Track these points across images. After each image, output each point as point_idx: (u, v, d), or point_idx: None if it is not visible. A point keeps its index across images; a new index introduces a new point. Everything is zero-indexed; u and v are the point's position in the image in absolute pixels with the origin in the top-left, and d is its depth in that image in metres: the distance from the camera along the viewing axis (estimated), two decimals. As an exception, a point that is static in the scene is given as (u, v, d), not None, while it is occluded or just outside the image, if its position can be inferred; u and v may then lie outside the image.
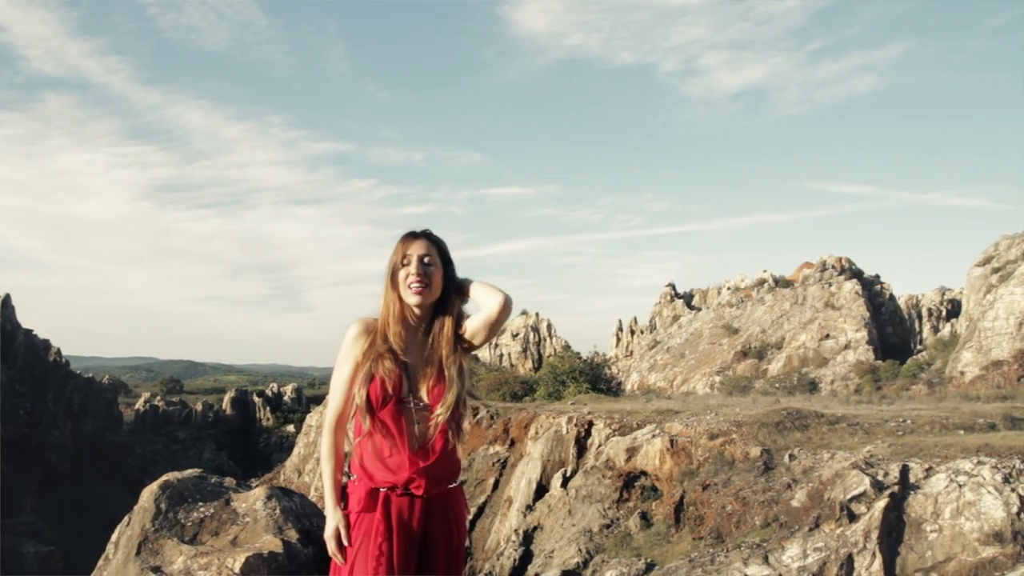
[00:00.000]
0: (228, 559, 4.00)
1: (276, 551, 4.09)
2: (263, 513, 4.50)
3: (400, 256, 3.15)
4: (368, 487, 3.11)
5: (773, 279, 57.50)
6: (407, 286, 3.11)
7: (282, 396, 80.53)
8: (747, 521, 14.97)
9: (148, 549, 4.35)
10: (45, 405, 62.76)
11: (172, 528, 4.48)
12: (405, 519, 3.08)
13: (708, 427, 18.00)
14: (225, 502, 4.70)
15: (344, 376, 3.16)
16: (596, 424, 21.01)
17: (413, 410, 3.08)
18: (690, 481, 16.81)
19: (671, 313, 65.49)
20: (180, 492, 4.71)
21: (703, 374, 49.17)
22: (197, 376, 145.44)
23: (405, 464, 3.06)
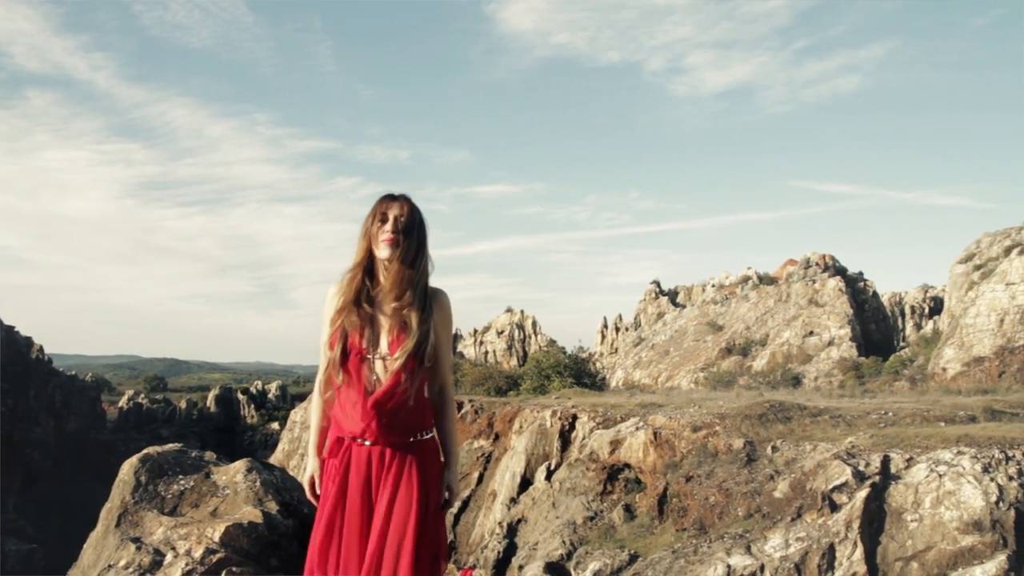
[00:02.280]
0: (208, 529, 4.01)
1: (256, 521, 4.10)
2: (243, 485, 4.51)
3: (378, 215, 3.30)
4: (336, 435, 3.27)
5: (757, 276, 57.73)
6: (380, 241, 3.25)
7: (266, 394, 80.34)
8: (730, 512, 15.04)
9: (128, 521, 4.35)
10: (27, 402, 62.37)
11: (152, 500, 4.48)
12: (360, 467, 3.21)
13: (691, 419, 18.06)
14: (205, 475, 4.70)
15: (325, 335, 3.31)
16: (580, 418, 21.06)
17: (373, 360, 3.20)
18: (673, 473, 16.87)
19: (656, 310, 65.65)
20: (160, 465, 4.71)
21: (688, 371, 49.31)
22: (181, 374, 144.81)
23: (360, 414, 3.16)
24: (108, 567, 4.04)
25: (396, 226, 3.26)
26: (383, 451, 3.19)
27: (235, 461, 4.89)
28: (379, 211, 3.29)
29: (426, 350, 3.22)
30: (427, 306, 3.27)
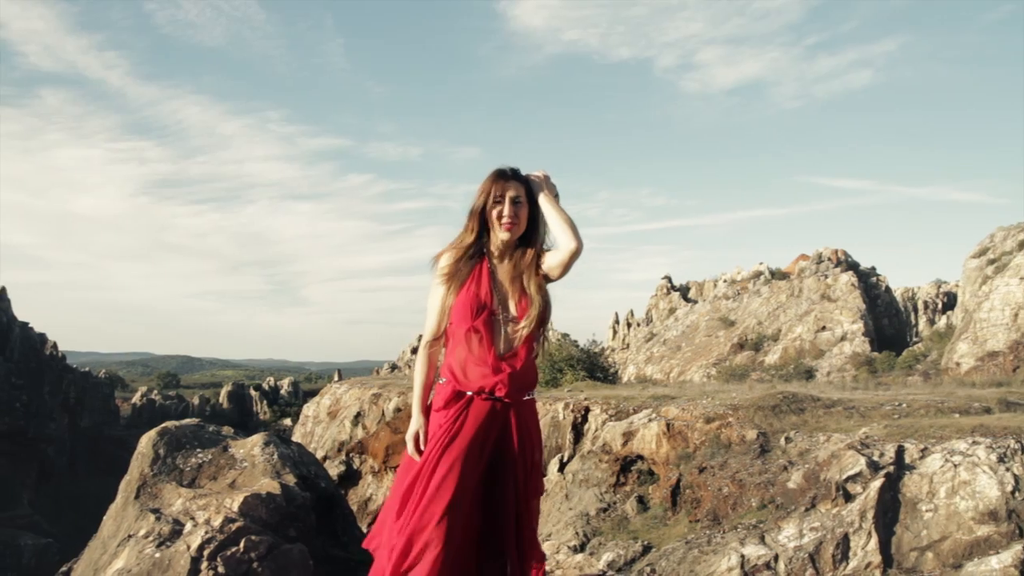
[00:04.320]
0: (226, 500, 4.02)
1: (274, 493, 4.12)
2: (261, 458, 4.53)
3: (493, 195, 3.45)
4: (454, 388, 3.39)
5: (769, 271, 57.56)
6: (498, 223, 3.44)
7: (279, 390, 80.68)
8: (743, 503, 15.00)
9: (147, 493, 4.37)
10: (42, 398, 62.68)
11: (170, 473, 4.51)
12: (484, 420, 3.35)
13: (704, 411, 18.02)
14: (223, 448, 4.72)
15: (439, 295, 3.48)
16: (593, 410, 21.02)
17: (501, 321, 3.39)
18: (686, 464, 16.84)
19: (667, 306, 65.54)
20: (178, 439, 4.73)
21: (699, 366, 49.21)
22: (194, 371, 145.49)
23: (490, 369, 3.32)
24: (128, 537, 4.06)
25: (512, 209, 3.43)
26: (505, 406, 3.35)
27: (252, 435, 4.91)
28: (495, 192, 3.44)
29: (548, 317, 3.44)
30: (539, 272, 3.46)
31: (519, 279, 3.43)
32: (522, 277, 3.43)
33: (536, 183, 3.52)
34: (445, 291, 3.45)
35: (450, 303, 3.43)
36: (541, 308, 3.38)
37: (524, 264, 3.46)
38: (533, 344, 3.42)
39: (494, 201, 3.44)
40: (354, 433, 27.24)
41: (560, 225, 3.41)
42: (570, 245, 3.36)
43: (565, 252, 3.38)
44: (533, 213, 3.49)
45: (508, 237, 3.44)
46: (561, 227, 3.40)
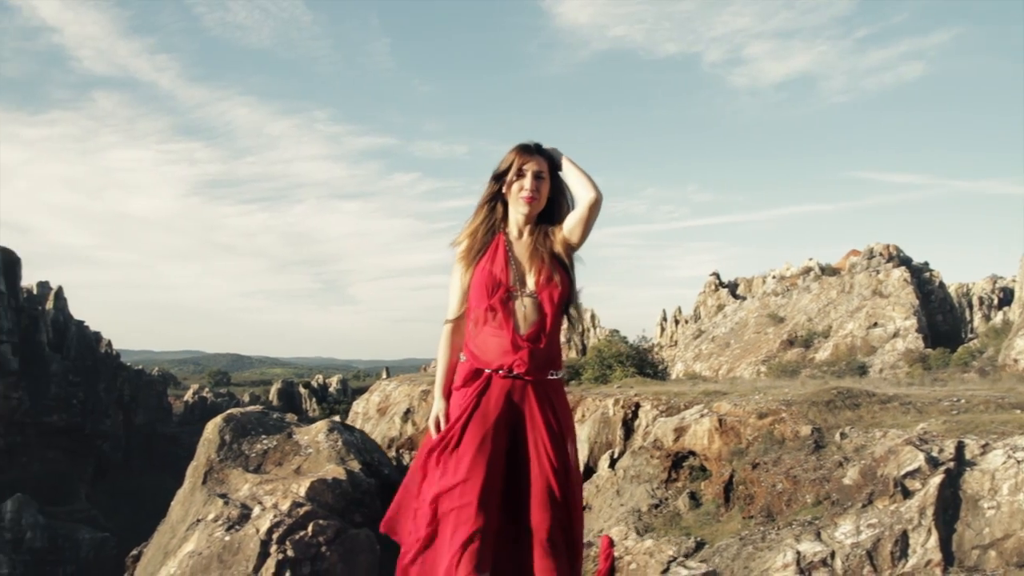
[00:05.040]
0: (293, 485, 4.05)
1: (340, 478, 4.13)
2: (325, 445, 4.55)
3: (515, 168, 3.37)
4: (473, 366, 3.32)
5: (819, 267, 56.81)
6: (519, 197, 3.37)
7: (327, 387, 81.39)
8: (798, 499, 14.82)
9: (214, 478, 4.42)
10: (97, 396, 63.91)
11: (236, 459, 4.55)
12: (504, 398, 3.26)
13: (757, 406, 17.84)
14: (288, 435, 4.75)
15: (457, 275, 3.44)
16: (643, 406, 20.90)
17: (519, 298, 3.30)
18: (739, 460, 16.67)
19: (716, 302, 65.00)
20: (243, 425, 4.77)
21: (749, 363, 48.75)
22: (243, 369, 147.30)
23: (509, 347, 3.24)
24: (196, 521, 4.09)
25: (534, 184, 3.35)
26: (525, 384, 3.26)
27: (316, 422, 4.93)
28: (517, 165, 3.36)
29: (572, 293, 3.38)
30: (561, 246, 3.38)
31: (538, 254, 3.34)
32: (541, 252, 3.34)
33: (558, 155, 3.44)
34: (463, 269, 3.41)
35: (468, 281, 3.39)
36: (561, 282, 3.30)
37: (543, 239, 3.38)
38: (557, 321, 3.33)
39: (516, 175, 3.37)
40: (404, 429, 27.31)
41: (579, 178, 3.35)
42: (588, 195, 3.29)
43: (583, 204, 3.30)
44: (554, 191, 3.42)
45: (528, 211, 3.37)
46: (579, 180, 3.35)
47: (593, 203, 3.29)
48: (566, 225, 3.36)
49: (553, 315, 3.29)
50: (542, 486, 3.22)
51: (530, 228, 3.40)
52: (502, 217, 3.46)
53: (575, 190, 3.36)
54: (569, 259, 3.39)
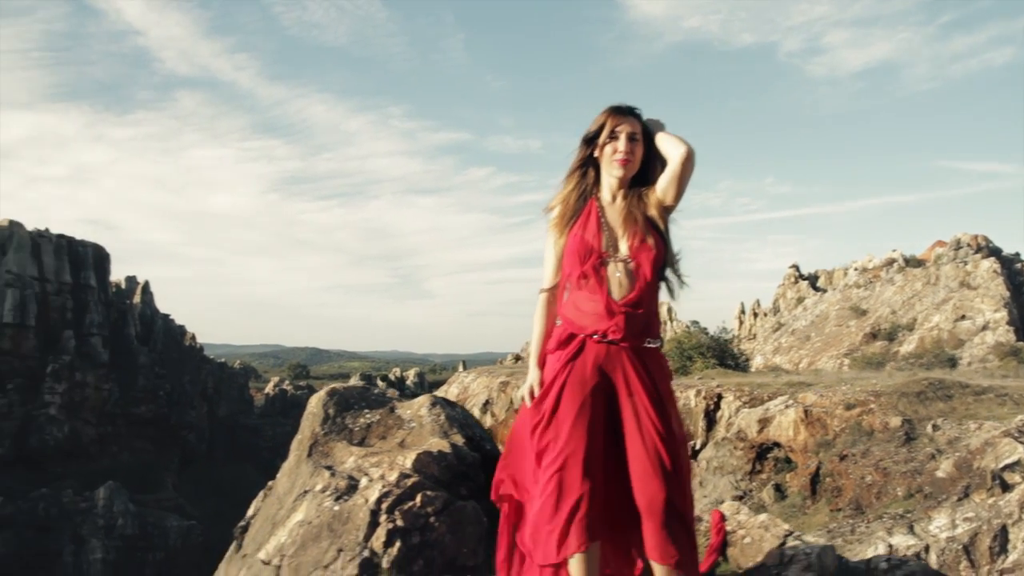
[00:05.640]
0: (399, 457, 4.06)
1: (445, 451, 4.14)
2: (428, 419, 4.57)
3: (607, 130, 3.25)
4: (568, 331, 3.22)
5: (903, 259, 55.40)
6: (612, 160, 3.25)
7: (405, 380, 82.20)
8: (888, 492, 14.46)
9: (319, 451, 4.47)
10: (182, 387, 65.60)
11: (340, 432, 4.59)
12: (598, 363, 3.15)
13: (844, 397, 17.44)
14: (390, 409, 4.79)
15: (550, 242, 3.36)
16: (725, 397, 20.61)
17: (613, 263, 3.19)
18: (826, 452, 16.34)
19: (795, 295, 63.87)
20: (346, 399, 4.82)
21: (830, 356, 47.82)
22: (322, 362, 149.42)
23: (604, 312, 3.13)
24: (304, 492, 4.14)
25: (628, 146, 3.23)
26: (620, 351, 3.14)
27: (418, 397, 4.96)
28: (609, 127, 3.25)
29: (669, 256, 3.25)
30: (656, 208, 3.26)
31: (631, 218, 3.22)
32: (635, 215, 3.22)
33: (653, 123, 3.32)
34: (556, 237, 3.32)
35: (561, 248, 3.30)
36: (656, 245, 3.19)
37: (636, 202, 3.26)
38: (653, 286, 3.19)
39: (609, 137, 3.24)
40: (482, 420, 27.48)
41: (668, 138, 3.24)
42: (679, 149, 3.16)
43: (676, 160, 3.17)
44: (647, 153, 3.29)
45: (622, 174, 3.25)
46: (668, 139, 3.23)
47: (685, 157, 3.16)
48: (659, 185, 3.25)
49: (648, 280, 3.16)
50: (650, 455, 3.09)
51: (623, 192, 3.29)
52: (594, 182, 3.35)
53: (665, 148, 3.24)
54: (664, 221, 3.26)
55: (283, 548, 3.81)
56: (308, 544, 3.75)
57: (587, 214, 3.27)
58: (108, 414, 56.80)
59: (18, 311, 53.60)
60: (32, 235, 56.38)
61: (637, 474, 3.10)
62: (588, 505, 3.03)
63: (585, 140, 3.32)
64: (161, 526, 47.48)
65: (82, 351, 56.21)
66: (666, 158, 3.24)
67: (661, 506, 3.06)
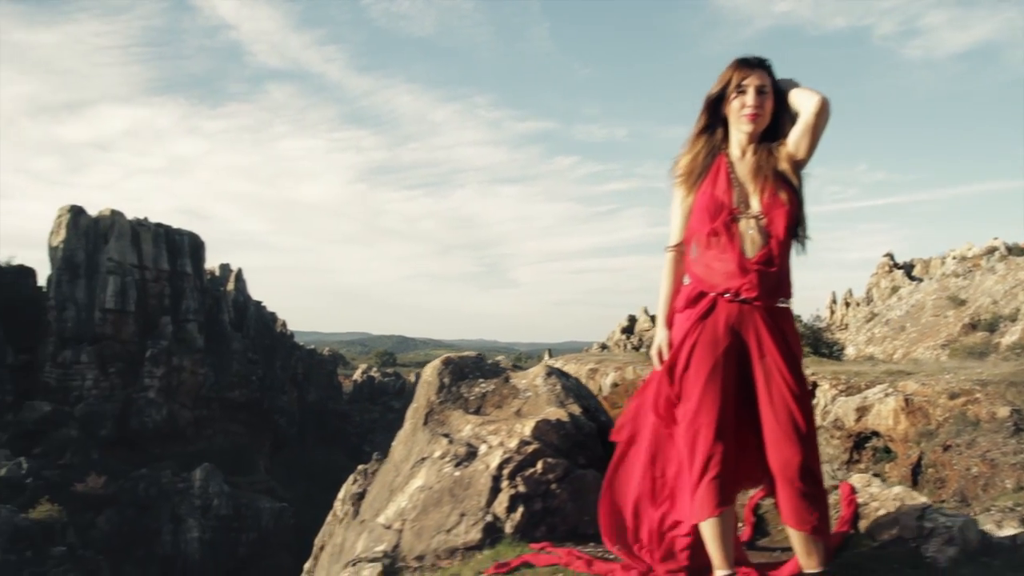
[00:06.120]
0: (517, 425, 4.05)
1: (563, 420, 4.10)
2: (544, 388, 4.55)
3: (734, 84, 3.11)
4: (697, 289, 3.14)
5: (1005, 247, 53.43)
6: (740, 115, 3.11)
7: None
8: (996, 484, 13.98)
9: (435, 420, 4.48)
10: (274, 373, 67.11)
11: (456, 401, 4.60)
12: (731, 323, 3.05)
13: (947, 386, 16.90)
14: (504, 379, 4.78)
15: (677, 199, 3.26)
16: (821, 385, 20.18)
17: (745, 220, 3.08)
18: (928, 442, 15.86)
19: (889, 284, 62.18)
20: (461, 368, 4.83)
21: (926, 347, 46.43)
22: (408, 350, 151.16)
23: (736, 270, 3.03)
24: (422, 459, 4.15)
25: (758, 100, 3.08)
26: (752, 310, 3.04)
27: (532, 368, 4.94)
28: (736, 80, 3.11)
29: (801, 213, 3.11)
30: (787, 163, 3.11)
31: (761, 173, 3.09)
32: (765, 171, 3.09)
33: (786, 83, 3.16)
34: (683, 194, 3.22)
35: (689, 206, 3.20)
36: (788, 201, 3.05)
37: (767, 157, 3.12)
38: (786, 243, 3.06)
39: (736, 91, 3.10)
40: (570, 407, 27.42)
41: (801, 90, 3.09)
42: (813, 99, 3.01)
43: (809, 111, 3.01)
44: (777, 107, 3.13)
45: (751, 129, 3.10)
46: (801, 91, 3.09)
47: (820, 107, 3.00)
48: (791, 138, 3.09)
49: (782, 237, 3.04)
50: (784, 418, 2.97)
51: (753, 147, 3.14)
52: (722, 138, 3.22)
53: (797, 100, 3.09)
54: (796, 176, 3.11)
55: (404, 513, 3.82)
56: (429, 509, 3.76)
57: (716, 170, 3.16)
58: (203, 398, 58.44)
59: (119, 297, 55.49)
60: (132, 224, 58.26)
61: (771, 437, 2.99)
62: (720, 471, 2.96)
63: (708, 101, 3.20)
64: (254, 507, 48.69)
65: (179, 336, 57.93)
66: (798, 110, 3.10)
67: (796, 470, 2.95)
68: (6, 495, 41.16)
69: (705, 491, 2.95)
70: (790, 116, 3.15)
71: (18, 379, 52.74)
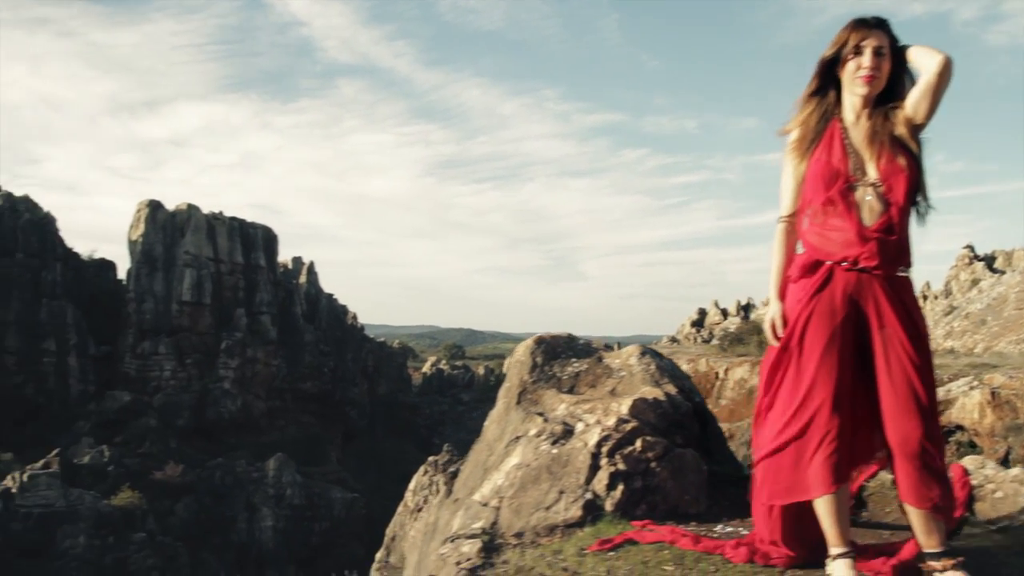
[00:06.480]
0: (613, 404, 3.99)
1: (660, 399, 4.04)
2: (638, 368, 4.49)
3: (851, 46, 2.96)
4: (812, 258, 3.01)
5: (1094, 238, 51.60)
6: (855, 77, 2.96)
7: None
8: (1089, 479, 13.51)
9: (528, 399, 4.45)
10: (345, 365, 67.99)
11: (548, 380, 4.57)
12: (849, 294, 2.92)
13: (1037, 379, 16.41)
14: (597, 359, 4.73)
15: (789, 168, 3.12)
16: (902, 378, 19.77)
17: (862, 187, 2.94)
18: (1016, 436, 15.42)
19: (969, 277, 60.54)
20: (553, 348, 4.80)
21: (1009, 341, 45.08)
22: (476, 343, 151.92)
23: (855, 239, 2.90)
24: (516, 438, 4.12)
25: (875, 61, 2.93)
26: (872, 279, 2.91)
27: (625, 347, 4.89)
28: (853, 42, 2.96)
29: (921, 179, 2.97)
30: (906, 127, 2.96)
31: (878, 138, 2.94)
32: (882, 136, 2.94)
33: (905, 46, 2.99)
34: (795, 162, 3.07)
35: (801, 174, 3.06)
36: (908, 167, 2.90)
37: (883, 121, 2.97)
38: (906, 210, 2.92)
39: (852, 52, 2.94)
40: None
41: (921, 49, 2.94)
42: (935, 58, 2.86)
43: (930, 71, 2.86)
44: (895, 68, 2.97)
45: (866, 92, 2.95)
46: (922, 50, 2.94)
47: (943, 67, 2.86)
48: (909, 101, 2.95)
49: (902, 204, 2.90)
50: (903, 390, 2.83)
51: (868, 111, 2.99)
52: (835, 102, 3.07)
53: (918, 60, 2.94)
54: (915, 141, 2.95)
55: (500, 490, 3.79)
56: (527, 486, 3.73)
57: (830, 136, 3.02)
58: (276, 389, 59.49)
59: (195, 290, 56.78)
60: (208, 218, 59.49)
61: (890, 411, 2.85)
62: (836, 446, 2.85)
63: (822, 64, 3.05)
64: (326, 497, 49.37)
65: (253, 328, 59.02)
66: (918, 70, 2.96)
67: (916, 445, 2.81)
68: (90, 482, 42.45)
69: (821, 467, 2.84)
70: (910, 78, 3.00)
71: (100, 369, 54.34)
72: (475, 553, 3.36)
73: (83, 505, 39.24)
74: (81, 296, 56.07)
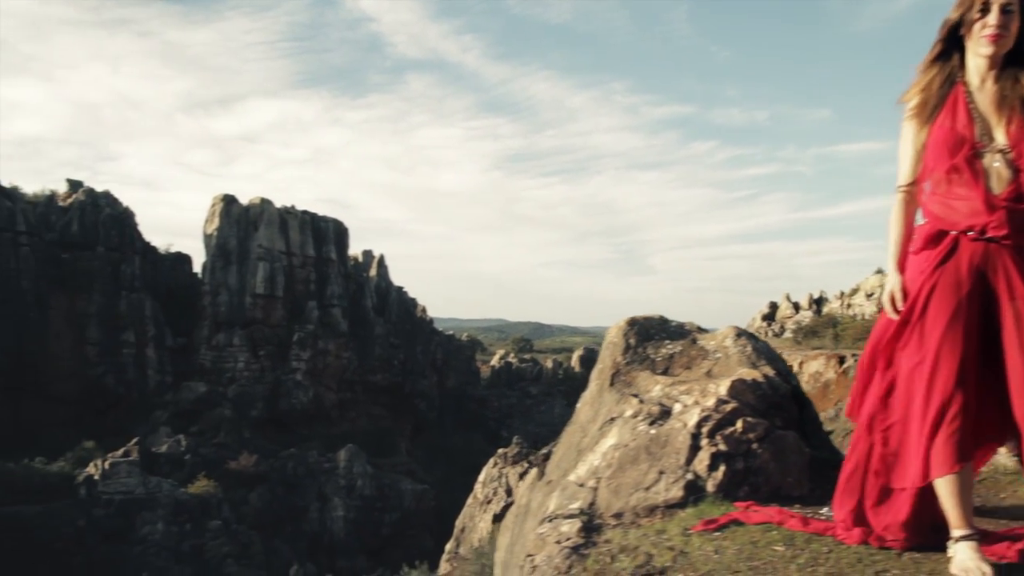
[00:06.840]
0: (710, 385, 3.93)
1: (759, 380, 3.95)
2: (734, 350, 4.41)
3: (977, 5, 2.80)
4: (936, 227, 2.89)
5: None
6: (981, 36, 2.80)
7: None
8: None
9: (621, 380, 4.41)
10: (415, 357, 68.49)
11: (642, 362, 4.52)
12: (975, 265, 2.79)
13: None
14: (692, 341, 4.67)
15: (909, 135, 2.98)
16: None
17: (990, 154, 2.80)
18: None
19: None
20: (647, 329, 4.74)
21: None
22: (544, 337, 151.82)
23: (982, 207, 2.76)
24: (611, 419, 4.08)
25: (1002, 19, 2.76)
26: (1000, 249, 2.77)
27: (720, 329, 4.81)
28: (980, 1, 2.79)
29: None
30: None
31: (1007, 102, 2.79)
32: (1011, 99, 2.79)
33: None
34: (916, 129, 2.94)
35: (922, 141, 2.93)
36: None
37: (1011, 84, 2.81)
38: None
39: (978, 11, 2.78)
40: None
41: None
42: None
43: None
44: None
45: (992, 51, 2.79)
46: None
47: None
48: None
49: None
50: None
51: (995, 73, 2.84)
52: (959, 66, 2.92)
53: None
54: None
55: (597, 471, 3.76)
56: (626, 466, 3.68)
57: (953, 101, 2.88)
58: (347, 381, 60.27)
59: (268, 283, 57.78)
60: (280, 212, 60.46)
61: (1018, 387, 2.71)
62: (961, 423, 2.73)
63: (946, 28, 2.91)
64: (396, 488, 49.88)
65: (324, 321, 59.86)
66: None
67: None
68: (167, 470, 43.53)
69: (944, 445, 2.72)
70: None
71: (177, 360, 55.65)
72: (575, 532, 3.33)
73: (161, 493, 40.29)
74: (158, 289, 57.52)
